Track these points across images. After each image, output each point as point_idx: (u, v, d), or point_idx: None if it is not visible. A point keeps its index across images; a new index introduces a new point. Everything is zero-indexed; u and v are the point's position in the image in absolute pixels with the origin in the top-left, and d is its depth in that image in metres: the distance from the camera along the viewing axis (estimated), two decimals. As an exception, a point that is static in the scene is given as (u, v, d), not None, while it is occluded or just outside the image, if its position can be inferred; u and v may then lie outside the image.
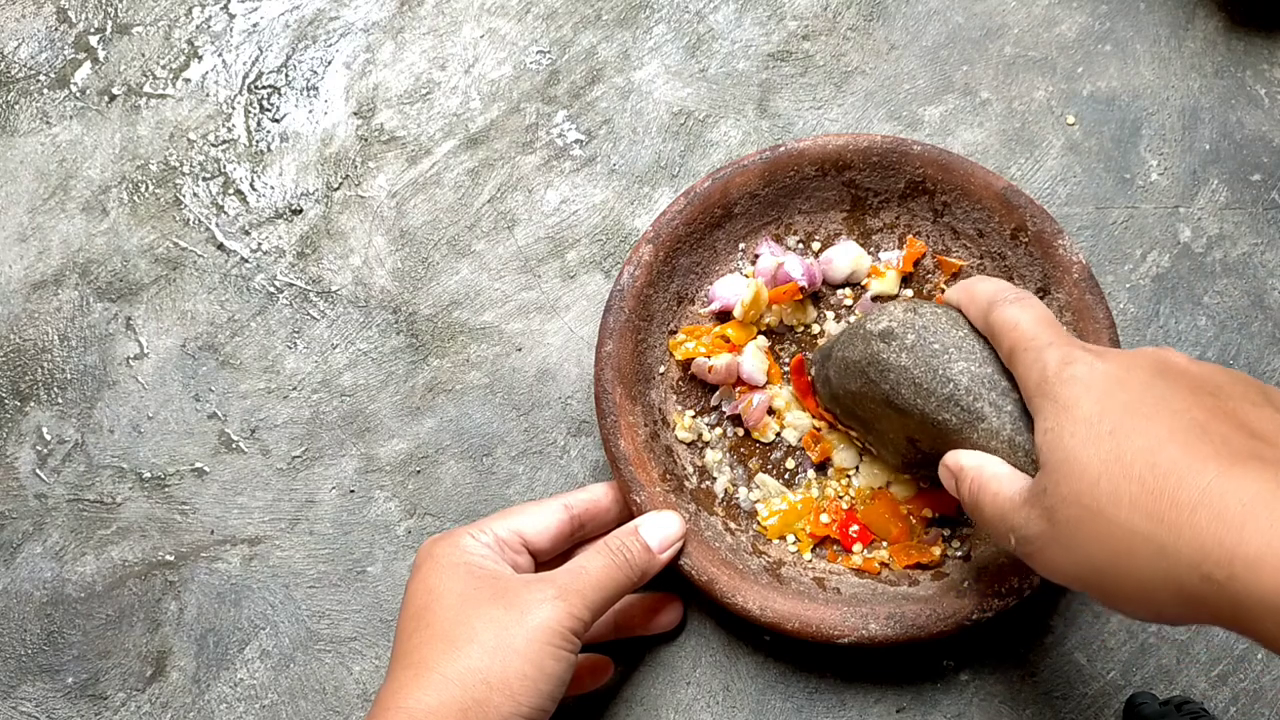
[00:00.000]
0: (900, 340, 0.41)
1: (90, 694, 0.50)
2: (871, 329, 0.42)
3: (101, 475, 0.53)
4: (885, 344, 0.42)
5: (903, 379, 0.41)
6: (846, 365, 0.44)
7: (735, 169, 0.49)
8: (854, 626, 0.44)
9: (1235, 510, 0.28)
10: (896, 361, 0.41)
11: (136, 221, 0.56)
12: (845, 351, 0.44)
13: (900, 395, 0.41)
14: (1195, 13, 0.56)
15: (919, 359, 0.41)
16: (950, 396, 0.40)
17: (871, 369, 0.42)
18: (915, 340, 0.41)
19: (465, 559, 0.42)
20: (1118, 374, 0.33)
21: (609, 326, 0.47)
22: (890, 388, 0.41)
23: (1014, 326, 0.38)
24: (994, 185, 0.48)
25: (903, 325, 0.41)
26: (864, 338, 0.43)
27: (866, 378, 0.43)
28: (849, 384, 0.44)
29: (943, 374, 0.40)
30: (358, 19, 0.58)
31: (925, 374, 0.40)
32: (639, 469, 0.46)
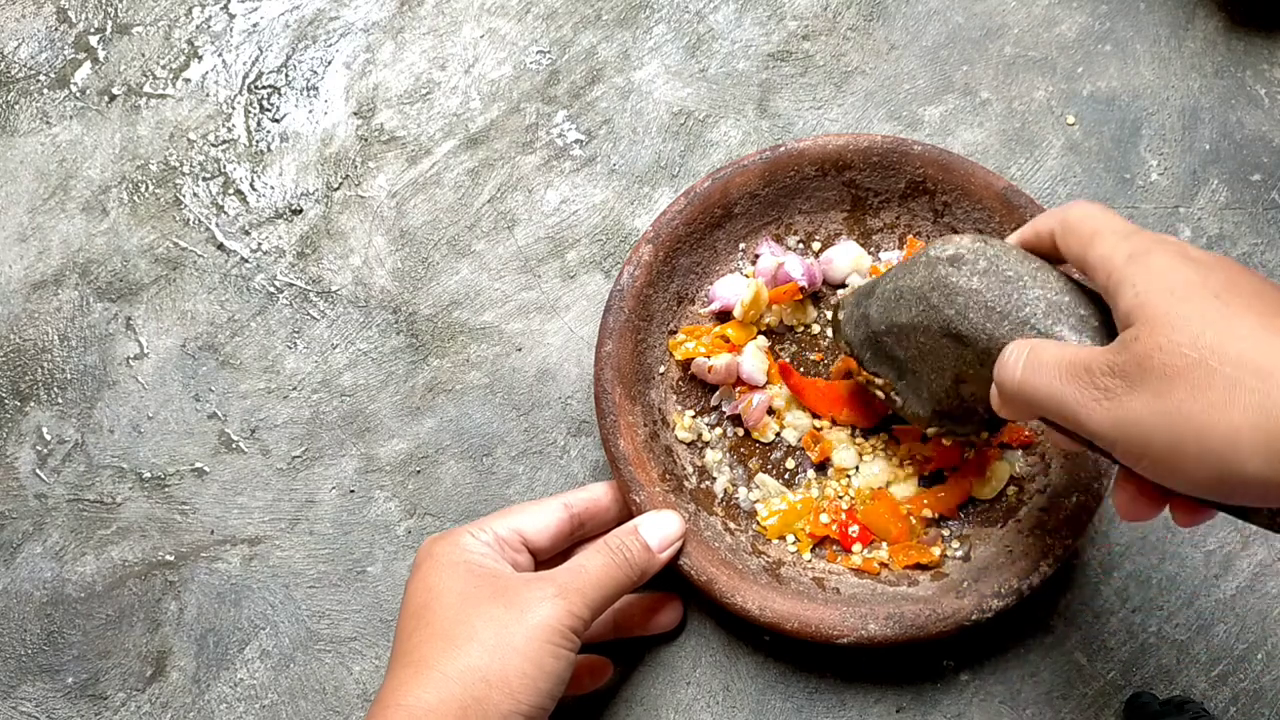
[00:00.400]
0: (972, 265, 0.39)
1: (90, 694, 0.50)
2: (938, 255, 0.40)
3: (101, 475, 0.53)
4: (955, 268, 0.39)
5: (973, 302, 0.39)
6: (900, 294, 0.42)
7: (735, 169, 0.49)
8: (853, 627, 0.44)
9: None
10: (967, 285, 0.39)
11: (136, 221, 0.56)
12: (901, 280, 0.42)
13: (968, 320, 0.39)
14: (1195, 13, 0.56)
15: (992, 283, 0.38)
16: (1026, 320, 0.37)
17: (935, 293, 0.40)
18: (988, 266, 0.39)
19: (465, 558, 0.42)
20: (1208, 259, 0.33)
21: (609, 326, 0.47)
22: (956, 312, 0.39)
23: (1095, 217, 0.36)
24: (994, 185, 0.48)
25: (973, 252, 0.39)
26: (928, 263, 0.40)
27: (927, 303, 0.40)
28: (898, 315, 0.42)
29: (1018, 298, 0.38)
30: (358, 19, 0.58)
31: (999, 297, 0.38)
32: (638, 469, 0.46)
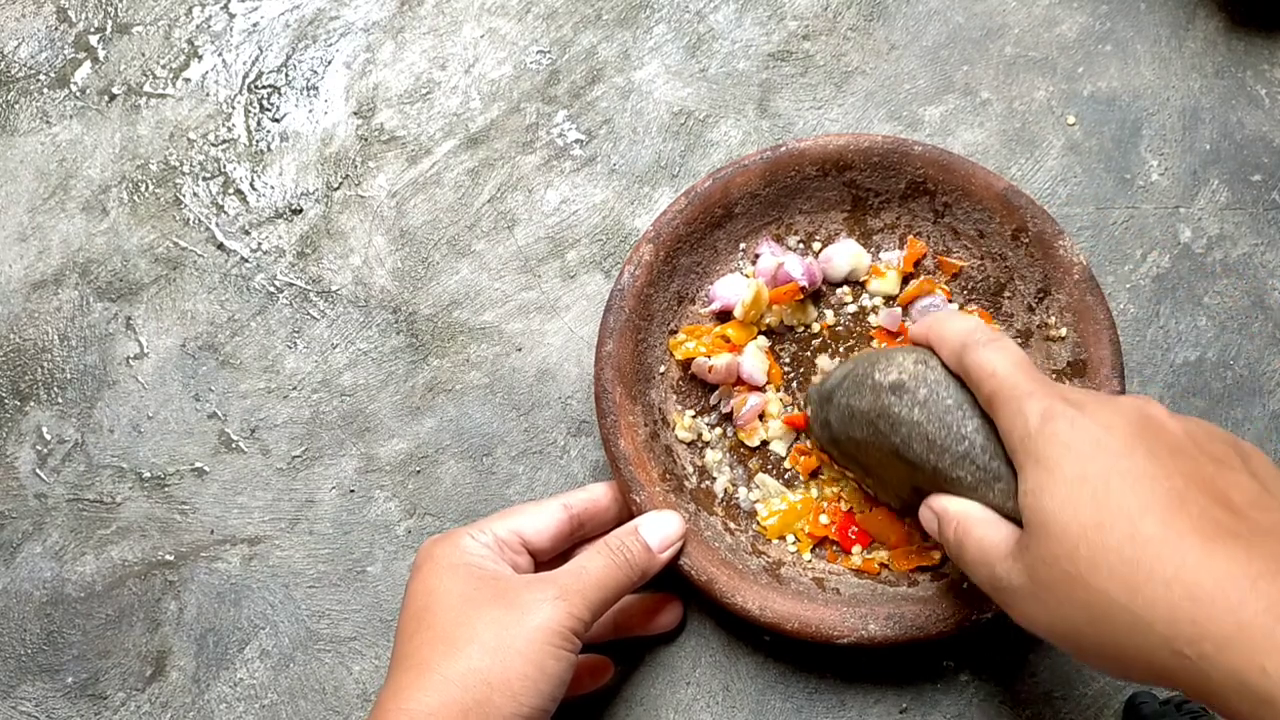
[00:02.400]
0: (912, 394, 0.40)
1: (90, 694, 0.50)
2: (881, 380, 0.41)
3: (101, 475, 0.53)
4: (896, 397, 0.40)
5: (914, 434, 0.40)
6: (852, 414, 0.43)
7: (736, 169, 0.49)
8: (853, 627, 0.44)
9: (1208, 589, 0.29)
10: (908, 416, 0.40)
11: (136, 221, 0.56)
12: (851, 400, 0.43)
13: (911, 450, 0.40)
14: (1196, 13, 0.56)
15: (932, 414, 0.40)
16: (965, 454, 0.39)
17: (881, 421, 0.41)
18: (928, 395, 0.40)
19: (465, 560, 0.42)
20: (1098, 434, 0.33)
21: (609, 326, 0.47)
22: (901, 441, 0.40)
23: (991, 374, 0.37)
24: (995, 186, 0.48)
25: (914, 378, 0.40)
26: (873, 389, 0.41)
27: (875, 429, 0.41)
28: (853, 432, 0.43)
29: (957, 431, 0.39)
30: (358, 19, 0.58)
31: (939, 430, 0.39)
32: (639, 469, 0.46)
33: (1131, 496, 0.32)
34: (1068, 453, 0.33)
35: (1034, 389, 0.36)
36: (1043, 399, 0.35)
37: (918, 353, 0.42)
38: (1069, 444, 0.34)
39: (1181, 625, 0.29)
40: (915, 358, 0.41)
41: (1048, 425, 0.34)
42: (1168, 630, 0.29)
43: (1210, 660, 0.28)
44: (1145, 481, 0.32)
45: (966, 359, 0.39)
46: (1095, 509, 0.32)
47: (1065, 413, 0.34)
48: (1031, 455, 0.35)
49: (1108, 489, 0.32)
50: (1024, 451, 0.35)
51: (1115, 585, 0.31)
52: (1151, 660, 0.30)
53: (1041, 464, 0.34)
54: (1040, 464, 0.34)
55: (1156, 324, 0.52)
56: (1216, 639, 0.28)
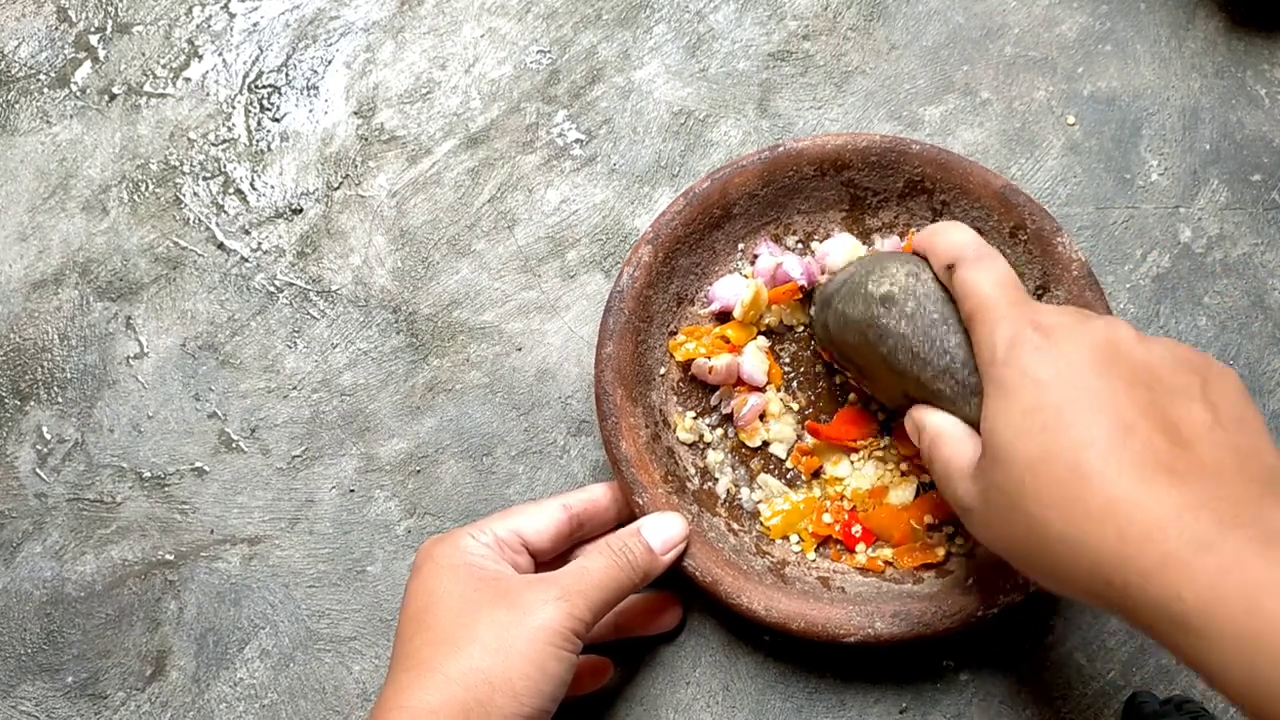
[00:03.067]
0: (900, 307, 0.41)
1: (90, 693, 0.50)
2: (873, 291, 0.42)
3: (101, 474, 0.53)
4: (885, 309, 0.41)
5: (900, 345, 0.41)
6: (846, 320, 0.44)
7: (734, 169, 0.49)
8: (859, 625, 0.44)
9: (1137, 523, 0.31)
10: (895, 328, 0.41)
11: (136, 221, 0.56)
12: (845, 307, 0.44)
13: (897, 360, 0.41)
14: (1196, 13, 0.56)
15: (918, 328, 0.41)
16: (946, 369, 0.40)
17: (870, 330, 0.42)
18: (915, 309, 0.41)
19: (466, 560, 0.42)
20: (1058, 365, 0.34)
21: (609, 328, 0.47)
22: (888, 351, 0.42)
23: (973, 292, 0.39)
24: (992, 184, 0.48)
25: (903, 291, 0.41)
26: (865, 299, 0.42)
27: (865, 337, 0.42)
28: (847, 337, 0.44)
29: (940, 345, 0.40)
30: (358, 18, 0.58)
31: (923, 343, 0.40)
32: (641, 471, 0.46)
33: (1079, 429, 0.33)
34: (1024, 381, 0.35)
35: (1008, 313, 0.37)
36: (1013, 324, 0.36)
37: (911, 263, 0.43)
38: (1027, 372, 0.35)
39: (1110, 556, 0.31)
40: (908, 269, 0.42)
41: (1012, 352, 0.35)
42: (1099, 560, 0.31)
43: (1136, 589, 0.30)
44: (1094, 413, 0.33)
45: (955, 274, 0.40)
46: (1044, 441, 0.33)
47: (1031, 339, 0.35)
48: (994, 381, 0.36)
49: (1059, 421, 0.33)
50: (988, 376, 0.37)
51: (1054, 515, 0.33)
52: (1089, 586, 0.32)
53: (1001, 391, 0.35)
54: (1000, 391, 0.35)
55: (1156, 324, 0.52)
56: (1141, 570, 0.30)
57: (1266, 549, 0.29)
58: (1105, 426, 0.33)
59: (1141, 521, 0.31)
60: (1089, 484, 0.32)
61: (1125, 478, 0.32)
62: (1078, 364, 0.34)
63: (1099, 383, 0.34)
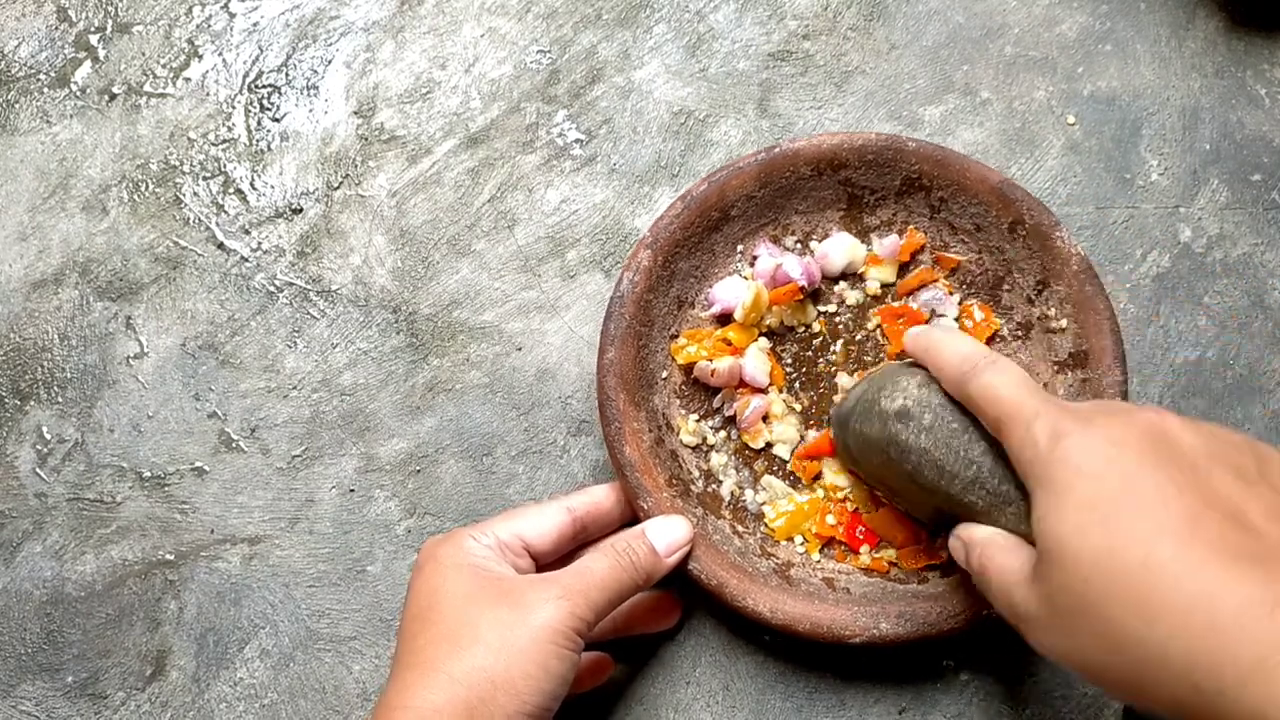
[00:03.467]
0: (918, 421, 0.40)
1: (90, 693, 0.50)
2: (887, 408, 0.41)
3: (101, 474, 0.53)
4: (903, 424, 0.40)
5: (924, 461, 0.40)
6: (866, 441, 0.43)
7: (731, 171, 0.49)
8: (865, 626, 0.44)
9: (1228, 619, 0.28)
10: (916, 443, 0.40)
11: (137, 220, 0.56)
12: (863, 427, 0.43)
13: (923, 476, 0.40)
14: (1196, 13, 0.56)
15: (938, 440, 0.39)
16: (975, 479, 0.38)
17: (892, 449, 0.41)
18: (932, 420, 0.39)
19: (468, 560, 0.42)
20: (1108, 452, 0.32)
21: (610, 333, 0.47)
22: (912, 469, 0.40)
23: (996, 398, 0.37)
24: (990, 179, 0.48)
25: (918, 404, 0.40)
26: (880, 416, 0.41)
27: (887, 456, 0.41)
28: (871, 458, 0.43)
29: (965, 456, 0.39)
30: (358, 18, 0.58)
31: (946, 456, 0.39)
32: (645, 475, 0.46)
33: (1144, 520, 0.31)
34: (1078, 475, 0.32)
35: (1040, 408, 0.35)
36: (1050, 418, 0.34)
37: (921, 374, 0.41)
38: (1079, 466, 0.33)
39: (1200, 657, 0.28)
40: (918, 380, 0.41)
41: (1057, 446, 0.33)
42: (1186, 662, 0.28)
43: (1230, 695, 0.27)
44: (1158, 503, 0.31)
45: (969, 386, 0.38)
46: (1107, 534, 0.31)
47: (1073, 431, 0.33)
48: (1041, 479, 0.34)
49: (1119, 513, 0.31)
50: (1033, 476, 0.34)
51: (1130, 615, 0.30)
52: (1173, 694, 0.29)
53: (1051, 488, 0.33)
54: (1050, 488, 0.33)
55: (1156, 323, 0.52)
56: (1237, 673, 0.27)
57: None
58: (1172, 516, 0.30)
59: (1231, 616, 0.28)
60: (1166, 577, 0.29)
61: (1205, 568, 0.29)
62: (1129, 451, 0.32)
63: (1154, 472, 0.32)
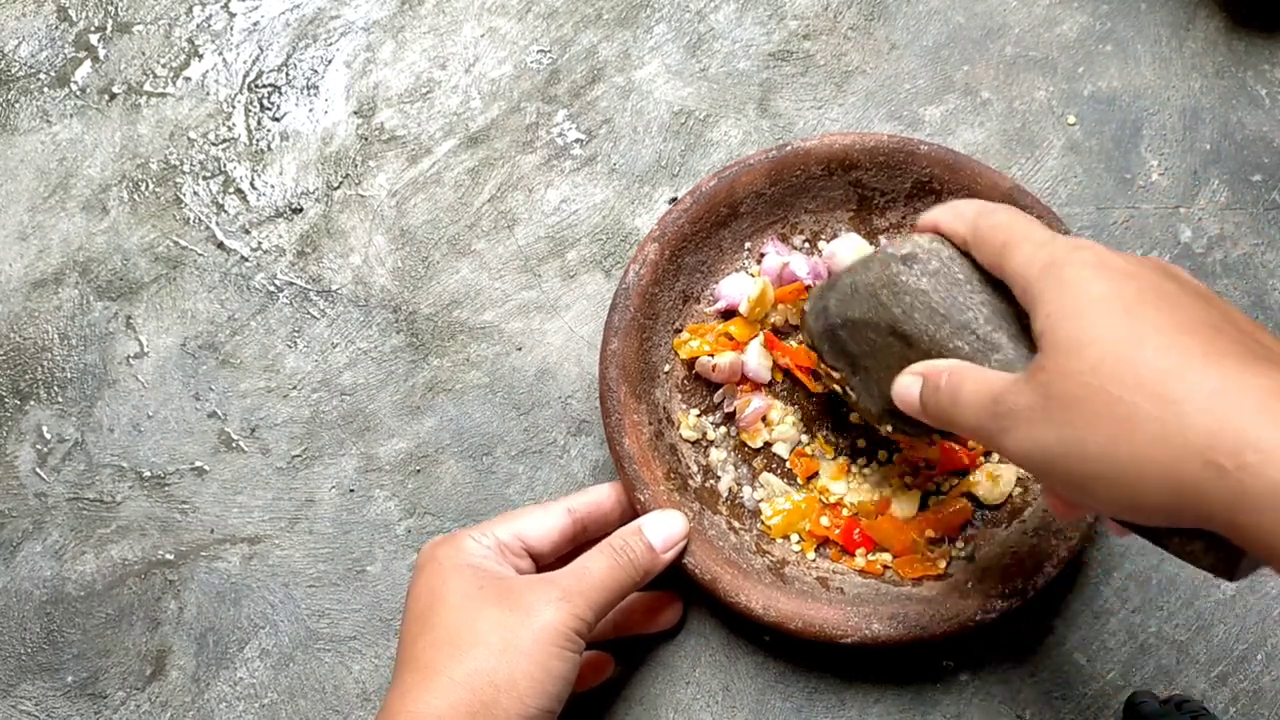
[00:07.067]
0: (924, 265, 0.39)
1: (90, 693, 0.50)
2: (894, 252, 0.40)
3: (101, 474, 0.53)
4: (907, 266, 0.39)
5: (918, 302, 0.39)
6: (855, 288, 0.42)
7: (741, 168, 0.49)
8: (857, 626, 0.44)
9: (1253, 401, 0.27)
10: (915, 285, 0.39)
11: (137, 220, 0.56)
12: (857, 275, 0.42)
13: (912, 320, 0.39)
14: (1196, 13, 0.56)
15: (940, 284, 0.39)
16: (966, 324, 0.38)
17: (885, 290, 0.40)
18: (939, 266, 0.39)
19: (469, 561, 0.42)
20: (1127, 266, 0.32)
21: (614, 325, 0.47)
22: (902, 311, 0.40)
23: (1008, 226, 0.36)
24: (1001, 185, 0.48)
25: (927, 252, 0.40)
26: (883, 260, 0.41)
27: (877, 300, 0.41)
28: (851, 310, 0.42)
29: (963, 301, 0.38)
30: (358, 18, 0.58)
31: (944, 299, 0.38)
32: (643, 468, 0.46)
33: (1166, 316, 0.30)
34: (1098, 274, 0.32)
35: (1057, 236, 0.34)
36: (1066, 241, 0.34)
37: (935, 236, 0.41)
38: (1099, 267, 0.32)
39: (1220, 435, 0.27)
40: (931, 236, 0.41)
41: (1075, 253, 0.33)
42: (1203, 439, 0.27)
43: (1250, 470, 0.26)
44: (1180, 309, 0.30)
45: (980, 222, 0.37)
46: (1129, 322, 0.30)
47: (1093, 246, 0.33)
48: (1055, 279, 0.32)
49: (1142, 305, 0.30)
50: (1046, 277, 0.33)
51: (1145, 396, 0.29)
52: (1176, 475, 0.28)
53: (1066, 284, 0.32)
54: (1064, 285, 0.32)
55: (1157, 324, 0.52)
56: (1261, 447, 0.26)
57: None
58: (1193, 319, 0.30)
59: (1256, 397, 0.27)
60: (1190, 361, 0.29)
61: (1229, 361, 0.28)
62: (1147, 270, 0.32)
63: (1174, 287, 0.31)
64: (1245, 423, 0.27)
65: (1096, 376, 0.30)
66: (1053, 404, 0.31)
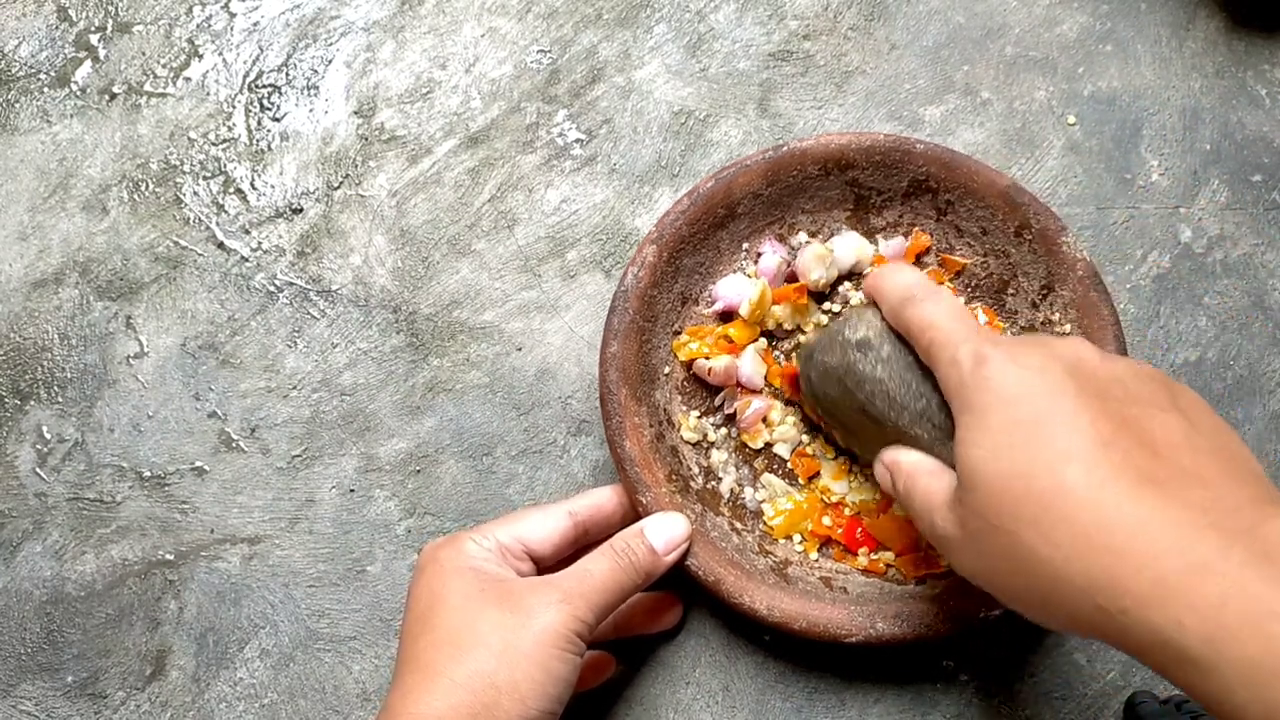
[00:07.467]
0: (876, 351, 0.40)
1: (90, 693, 0.50)
2: (849, 337, 0.41)
3: (101, 474, 0.53)
4: (861, 354, 0.41)
5: (877, 390, 0.40)
6: (825, 370, 0.43)
7: (738, 168, 0.49)
8: (861, 626, 0.44)
9: (1126, 542, 0.29)
10: (871, 373, 0.40)
11: (137, 220, 0.56)
12: (824, 356, 0.43)
13: (874, 407, 0.40)
14: (1196, 13, 0.56)
15: (894, 371, 0.40)
16: (922, 413, 0.39)
17: (848, 378, 0.41)
18: (891, 352, 0.40)
19: (469, 563, 0.42)
20: (1028, 380, 0.33)
21: (613, 327, 0.47)
22: (865, 398, 0.41)
23: (929, 324, 0.37)
24: (997, 183, 0.48)
25: (879, 335, 0.41)
26: (841, 345, 0.42)
27: (843, 386, 0.42)
28: (828, 389, 0.43)
29: (916, 389, 0.39)
30: (358, 18, 0.58)
31: (899, 387, 0.39)
32: (644, 470, 0.46)
33: (1056, 444, 0.31)
34: (997, 399, 0.33)
35: (969, 336, 0.36)
36: (975, 344, 0.35)
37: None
38: (999, 390, 0.33)
39: (1100, 580, 0.29)
40: (876, 312, 0.42)
41: (979, 370, 0.34)
42: (1087, 585, 0.29)
43: (1129, 615, 0.28)
44: (1071, 428, 0.32)
45: (905, 313, 0.39)
46: (1021, 459, 0.32)
47: (995, 356, 0.34)
48: (965, 403, 0.34)
49: (1034, 437, 0.32)
50: (958, 399, 0.35)
51: (1037, 537, 0.31)
52: (1075, 613, 0.30)
53: (973, 412, 0.34)
54: (972, 412, 0.34)
55: (1157, 324, 0.52)
56: (1135, 595, 0.28)
57: (1266, 566, 0.27)
58: (1083, 440, 0.31)
59: (1130, 539, 0.29)
60: (1072, 500, 0.30)
61: (1109, 492, 0.30)
62: (1046, 380, 0.33)
63: (1069, 399, 0.32)
64: (1120, 568, 0.29)
65: (997, 515, 0.32)
66: (967, 536, 0.34)
